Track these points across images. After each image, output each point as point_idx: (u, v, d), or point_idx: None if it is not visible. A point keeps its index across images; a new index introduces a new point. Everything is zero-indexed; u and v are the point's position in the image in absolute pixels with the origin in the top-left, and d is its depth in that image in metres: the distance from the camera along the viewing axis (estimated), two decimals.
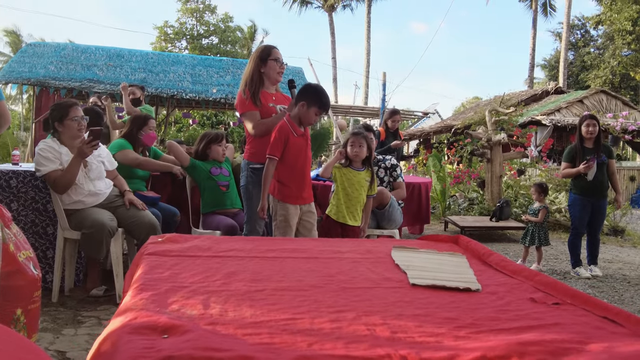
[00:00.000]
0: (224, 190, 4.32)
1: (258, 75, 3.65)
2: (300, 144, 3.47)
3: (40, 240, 3.92)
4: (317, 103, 3.41)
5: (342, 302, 1.43)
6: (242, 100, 3.65)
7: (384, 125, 7.00)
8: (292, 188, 3.44)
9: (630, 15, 25.97)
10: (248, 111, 3.62)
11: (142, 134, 4.44)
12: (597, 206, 5.39)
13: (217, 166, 4.37)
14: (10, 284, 2.15)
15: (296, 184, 3.47)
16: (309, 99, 3.39)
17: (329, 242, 2.38)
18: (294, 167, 3.44)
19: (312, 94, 3.41)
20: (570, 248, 5.51)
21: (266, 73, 3.66)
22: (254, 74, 3.65)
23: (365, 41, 31.28)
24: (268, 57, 3.65)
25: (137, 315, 1.18)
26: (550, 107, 16.37)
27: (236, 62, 12.12)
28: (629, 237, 8.21)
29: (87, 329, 3.20)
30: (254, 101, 3.59)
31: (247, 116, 3.65)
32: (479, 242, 2.30)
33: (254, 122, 3.61)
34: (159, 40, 33.60)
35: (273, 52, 3.68)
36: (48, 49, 10.94)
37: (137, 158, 4.38)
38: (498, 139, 9.14)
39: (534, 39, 30.00)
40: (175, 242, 2.00)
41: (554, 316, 1.39)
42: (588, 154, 5.28)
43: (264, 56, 3.66)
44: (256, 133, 3.59)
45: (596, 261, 5.53)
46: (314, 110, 3.41)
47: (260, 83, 3.66)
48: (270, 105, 3.64)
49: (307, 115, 3.42)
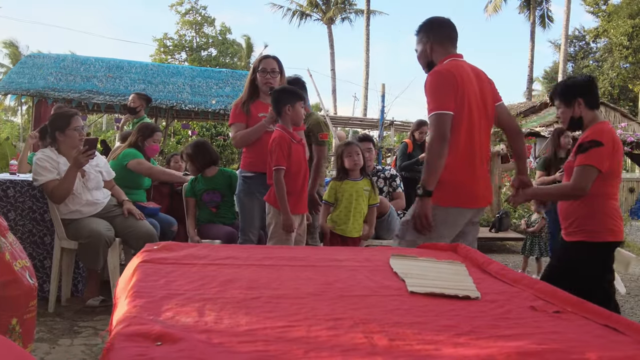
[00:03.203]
0: (214, 211, 4.32)
1: (252, 86, 3.70)
2: (300, 152, 3.47)
3: (37, 249, 3.90)
4: (296, 96, 3.41)
5: (340, 310, 1.41)
6: (232, 111, 3.75)
7: (411, 137, 6.90)
8: (292, 198, 3.42)
9: (626, 30, 26.11)
10: (233, 123, 3.72)
11: (146, 145, 4.44)
12: None
13: (210, 190, 4.33)
14: (6, 294, 2.13)
15: (296, 194, 3.45)
16: (288, 100, 3.39)
17: (327, 250, 2.36)
18: (297, 176, 3.43)
19: (288, 94, 3.43)
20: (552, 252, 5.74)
21: (258, 83, 3.70)
22: (249, 84, 3.71)
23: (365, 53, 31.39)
24: (258, 67, 3.70)
25: (130, 323, 1.16)
26: (549, 119, 16.38)
27: (235, 74, 12.15)
28: (628, 249, 8.19)
29: (83, 339, 3.17)
30: (243, 111, 3.64)
31: (232, 127, 3.76)
32: None
33: (233, 133, 3.71)
34: (159, 52, 33.72)
35: (262, 62, 3.72)
36: (47, 60, 10.96)
37: (151, 167, 4.39)
38: (497, 150, 9.15)
39: (532, 51, 30.16)
40: (170, 250, 1.98)
41: (555, 325, 1.37)
42: (560, 163, 5.63)
43: (256, 66, 3.72)
44: (235, 143, 3.72)
45: None
46: (298, 105, 3.41)
47: (255, 94, 3.70)
48: (260, 115, 3.66)
49: (296, 113, 3.41)
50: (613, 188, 2.97)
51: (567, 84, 3.09)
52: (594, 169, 2.81)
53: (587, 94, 2.98)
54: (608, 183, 2.92)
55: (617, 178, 2.99)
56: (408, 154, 6.65)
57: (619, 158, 2.95)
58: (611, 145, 2.86)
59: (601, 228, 2.92)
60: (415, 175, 6.39)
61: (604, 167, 2.82)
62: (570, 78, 3.10)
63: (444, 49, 2.87)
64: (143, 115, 6.31)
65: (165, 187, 4.81)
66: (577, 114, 2.98)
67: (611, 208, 2.96)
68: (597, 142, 2.84)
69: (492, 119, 2.89)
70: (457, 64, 2.78)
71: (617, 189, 3.03)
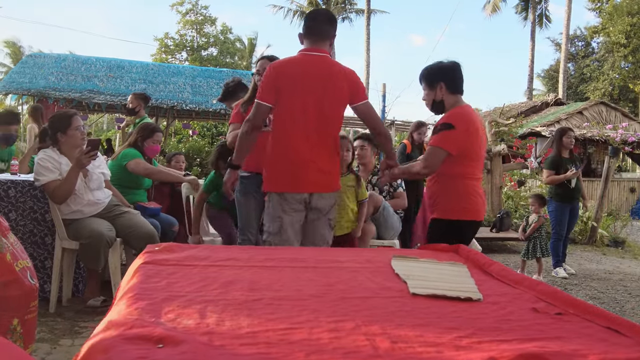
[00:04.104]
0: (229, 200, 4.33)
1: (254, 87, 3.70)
2: None
3: (38, 250, 3.90)
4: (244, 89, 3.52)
5: (341, 311, 1.40)
6: (233, 110, 3.76)
7: (410, 138, 6.87)
8: None
9: (624, 28, 26.01)
10: (232, 122, 3.72)
11: (146, 145, 4.42)
12: (573, 210, 6.05)
13: None
14: (7, 294, 2.13)
15: None
16: (240, 92, 3.48)
17: (328, 252, 2.36)
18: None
19: (236, 87, 3.51)
20: (552, 251, 5.90)
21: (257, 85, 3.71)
22: (252, 86, 3.71)
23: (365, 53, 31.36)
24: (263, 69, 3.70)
25: (132, 325, 1.16)
26: (550, 118, 16.38)
27: (236, 74, 12.15)
28: (629, 249, 8.18)
29: (84, 340, 3.14)
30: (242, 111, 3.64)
31: (230, 127, 3.75)
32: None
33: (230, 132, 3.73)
34: (160, 52, 33.71)
35: (259, 64, 3.74)
36: (48, 60, 10.96)
37: (148, 167, 4.36)
38: (498, 150, 9.14)
39: (532, 50, 30.10)
40: (172, 251, 1.98)
41: (557, 327, 1.37)
42: (567, 163, 5.88)
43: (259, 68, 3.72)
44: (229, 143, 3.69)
45: (565, 259, 6.19)
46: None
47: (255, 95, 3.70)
48: None
49: None
50: (471, 169, 3.06)
51: (432, 68, 3.16)
52: (442, 151, 2.95)
53: (449, 79, 3.08)
54: (464, 164, 3.00)
55: (476, 160, 3.08)
56: (407, 154, 6.63)
57: (477, 141, 3.03)
58: (465, 128, 2.96)
59: (454, 206, 3.03)
60: None
61: (453, 149, 2.94)
62: (437, 62, 3.19)
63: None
64: (144, 115, 6.29)
65: (166, 187, 4.80)
66: (439, 97, 3.10)
67: (467, 187, 3.04)
68: (448, 125, 2.96)
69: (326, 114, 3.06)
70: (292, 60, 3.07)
71: (477, 170, 3.13)
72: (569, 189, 5.85)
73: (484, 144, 3.17)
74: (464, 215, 3.04)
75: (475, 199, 3.06)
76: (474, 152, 3.04)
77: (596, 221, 8.27)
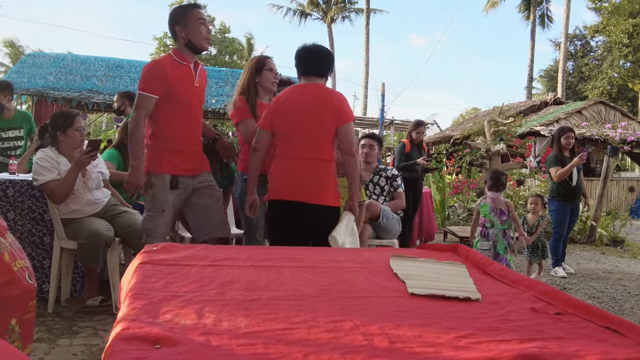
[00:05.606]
0: None
1: (253, 85, 3.67)
2: None
3: (37, 250, 3.89)
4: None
5: (340, 311, 1.40)
6: (238, 108, 3.63)
7: (409, 137, 6.86)
8: None
9: (626, 28, 26.08)
10: (243, 119, 3.59)
11: None
12: (575, 210, 6.10)
13: None
14: (5, 294, 2.13)
15: None
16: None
17: (327, 252, 2.36)
18: None
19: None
20: (552, 250, 5.91)
21: (261, 83, 3.67)
22: (250, 84, 3.67)
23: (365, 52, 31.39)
24: (263, 67, 3.68)
25: (129, 325, 1.15)
26: (549, 117, 16.37)
27: (235, 73, 12.11)
28: (628, 248, 8.19)
29: (82, 339, 3.16)
30: (251, 110, 3.58)
31: (241, 124, 3.61)
32: None
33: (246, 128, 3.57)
34: (159, 52, 33.68)
35: (267, 63, 3.71)
36: (47, 60, 10.93)
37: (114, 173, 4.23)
38: (497, 149, 9.15)
39: (532, 50, 30.14)
40: (170, 251, 1.98)
41: (556, 327, 1.36)
42: (569, 161, 5.85)
43: (259, 66, 3.68)
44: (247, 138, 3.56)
45: (564, 258, 6.19)
46: None
47: (256, 93, 3.67)
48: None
49: None
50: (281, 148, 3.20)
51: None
52: (263, 131, 3.22)
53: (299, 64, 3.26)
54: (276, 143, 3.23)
55: (287, 139, 3.17)
56: (405, 154, 6.62)
57: (283, 119, 3.16)
58: (273, 106, 3.22)
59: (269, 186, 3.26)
60: (413, 176, 6.39)
61: (268, 127, 3.20)
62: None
63: None
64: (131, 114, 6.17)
65: None
66: None
67: (274, 167, 3.23)
68: None
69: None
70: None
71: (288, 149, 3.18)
72: (570, 188, 5.85)
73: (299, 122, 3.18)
74: (270, 195, 3.21)
75: (279, 178, 3.20)
76: (287, 132, 3.18)
77: (595, 220, 8.27)
